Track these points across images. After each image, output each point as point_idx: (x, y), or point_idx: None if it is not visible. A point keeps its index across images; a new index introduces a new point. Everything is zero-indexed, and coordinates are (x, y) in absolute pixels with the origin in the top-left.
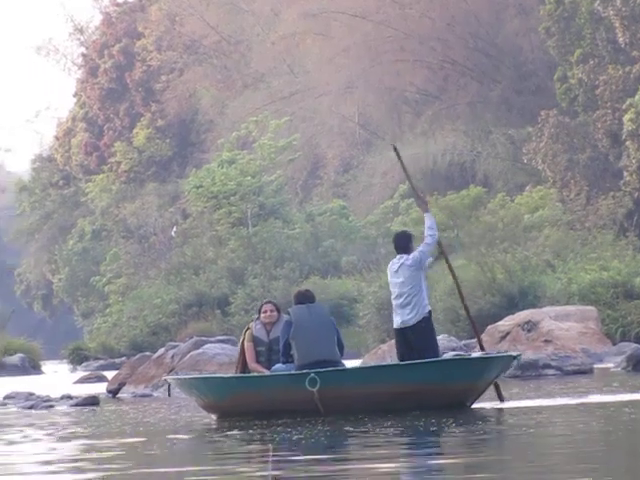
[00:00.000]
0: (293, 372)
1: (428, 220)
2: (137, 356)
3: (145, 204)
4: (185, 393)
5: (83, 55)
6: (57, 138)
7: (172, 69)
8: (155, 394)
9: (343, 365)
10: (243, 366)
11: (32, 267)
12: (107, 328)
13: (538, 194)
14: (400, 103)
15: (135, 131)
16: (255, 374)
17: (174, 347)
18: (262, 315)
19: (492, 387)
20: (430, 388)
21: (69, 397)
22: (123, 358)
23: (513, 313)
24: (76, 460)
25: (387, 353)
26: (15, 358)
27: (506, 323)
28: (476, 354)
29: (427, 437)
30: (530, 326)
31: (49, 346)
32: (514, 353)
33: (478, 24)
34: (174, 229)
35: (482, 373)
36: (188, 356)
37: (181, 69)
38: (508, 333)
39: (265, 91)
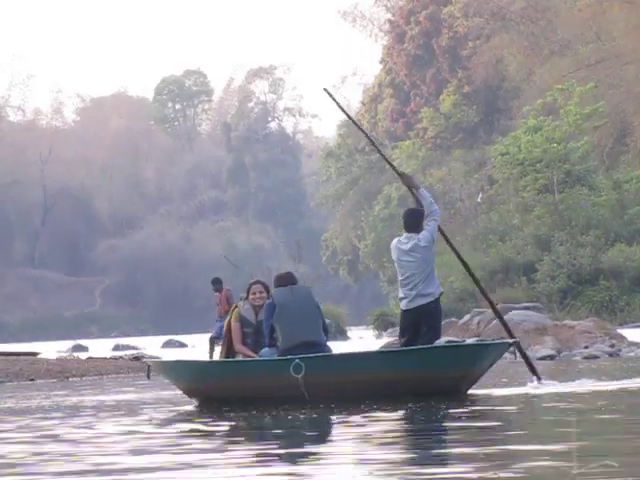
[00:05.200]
0: (277, 358)
1: (424, 196)
2: (443, 322)
3: (452, 170)
4: (165, 377)
5: (389, 21)
6: (363, 104)
7: (479, 35)
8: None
9: (329, 349)
10: (228, 346)
11: (338, 233)
12: None
13: None
14: None
15: (442, 97)
16: (239, 359)
17: (480, 313)
18: (251, 296)
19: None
20: (422, 375)
21: None
22: None
23: None
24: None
25: None
26: None
27: None
28: (470, 341)
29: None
30: None
31: (354, 312)
32: (510, 340)
33: None
34: (480, 195)
35: (476, 360)
36: (494, 323)
37: (488, 35)
38: None
39: (571, 58)
